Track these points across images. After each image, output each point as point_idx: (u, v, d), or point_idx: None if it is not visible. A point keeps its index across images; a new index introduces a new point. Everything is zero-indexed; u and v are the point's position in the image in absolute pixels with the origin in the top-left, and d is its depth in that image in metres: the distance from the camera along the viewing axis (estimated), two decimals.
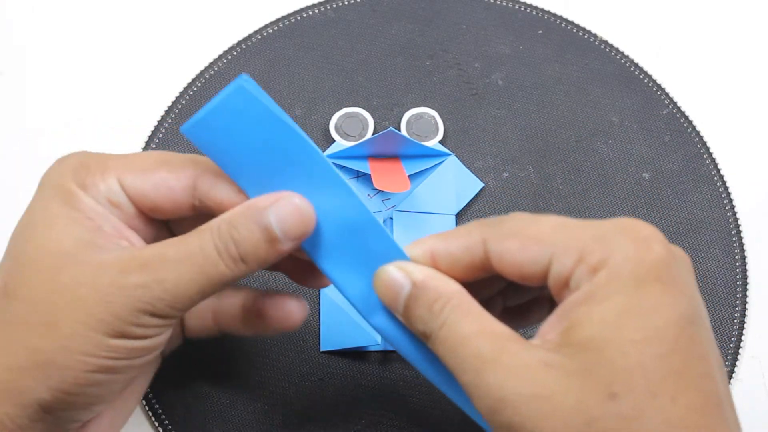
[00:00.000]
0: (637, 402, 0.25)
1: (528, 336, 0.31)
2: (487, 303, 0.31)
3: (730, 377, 0.43)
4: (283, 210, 0.30)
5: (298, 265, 0.34)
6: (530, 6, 0.50)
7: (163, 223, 0.34)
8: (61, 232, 0.30)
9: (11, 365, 0.29)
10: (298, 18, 0.49)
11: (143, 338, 0.30)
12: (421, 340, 0.30)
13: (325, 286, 0.34)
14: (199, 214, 0.33)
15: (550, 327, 0.27)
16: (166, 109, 0.47)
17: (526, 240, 0.29)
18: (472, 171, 0.46)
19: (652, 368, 0.25)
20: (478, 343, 0.27)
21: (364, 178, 0.45)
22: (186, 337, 0.37)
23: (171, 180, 0.31)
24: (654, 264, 0.26)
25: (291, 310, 0.34)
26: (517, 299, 0.33)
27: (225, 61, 0.48)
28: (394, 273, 0.30)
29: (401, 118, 0.46)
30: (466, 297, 0.29)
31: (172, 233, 0.34)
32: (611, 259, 0.27)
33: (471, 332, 0.28)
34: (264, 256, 0.30)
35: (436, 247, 0.31)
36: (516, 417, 0.26)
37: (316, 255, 0.31)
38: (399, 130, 0.46)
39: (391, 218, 0.44)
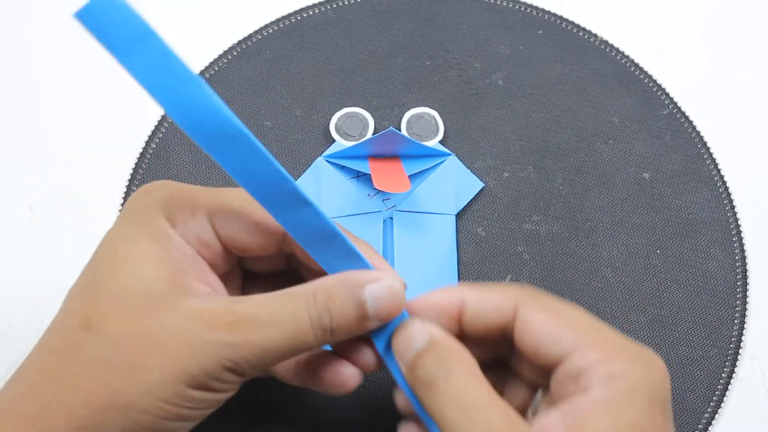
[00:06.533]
0: None
1: None
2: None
3: (730, 377, 0.43)
4: (379, 290, 0.30)
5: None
6: (530, 6, 0.50)
7: (237, 257, 0.34)
8: (149, 272, 0.29)
9: (89, 402, 0.28)
10: (298, 18, 0.49)
11: (220, 392, 0.30)
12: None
13: (368, 370, 0.34)
14: (279, 253, 0.33)
15: (556, 420, 0.28)
16: None
17: (558, 319, 0.30)
18: (472, 171, 0.46)
19: None
20: (491, 413, 0.28)
21: (364, 178, 0.45)
22: None
23: (264, 224, 0.32)
24: (663, 392, 0.29)
25: (345, 376, 0.33)
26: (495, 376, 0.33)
27: (225, 61, 0.48)
28: (417, 324, 0.31)
29: (401, 118, 0.46)
30: (477, 366, 0.30)
31: (242, 266, 0.35)
32: (631, 374, 0.28)
33: (484, 401, 0.28)
34: (352, 331, 0.31)
35: (468, 296, 0.31)
36: None
37: None
38: (399, 130, 0.46)
39: (391, 218, 0.44)
